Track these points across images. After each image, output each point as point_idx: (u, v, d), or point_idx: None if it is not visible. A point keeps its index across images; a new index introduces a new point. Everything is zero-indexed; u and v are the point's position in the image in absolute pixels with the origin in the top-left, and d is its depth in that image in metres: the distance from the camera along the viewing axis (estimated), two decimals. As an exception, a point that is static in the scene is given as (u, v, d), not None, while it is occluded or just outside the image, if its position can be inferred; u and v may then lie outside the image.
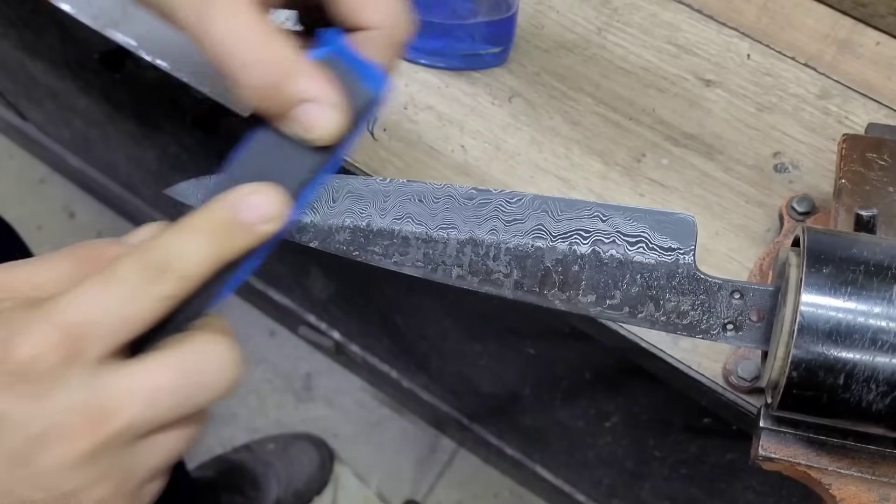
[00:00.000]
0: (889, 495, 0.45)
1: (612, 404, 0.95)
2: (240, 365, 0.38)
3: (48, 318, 0.34)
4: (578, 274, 0.43)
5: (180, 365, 0.36)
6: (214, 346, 0.37)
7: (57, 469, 0.33)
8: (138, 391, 0.35)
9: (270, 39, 0.39)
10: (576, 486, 1.30)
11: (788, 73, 0.63)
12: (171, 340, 0.37)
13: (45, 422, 0.33)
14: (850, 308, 0.40)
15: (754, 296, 0.43)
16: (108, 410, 0.34)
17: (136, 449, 0.35)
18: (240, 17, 0.38)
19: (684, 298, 0.43)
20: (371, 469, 1.55)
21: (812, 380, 0.40)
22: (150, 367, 0.35)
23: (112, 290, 0.35)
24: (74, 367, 0.34)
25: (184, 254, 0.37)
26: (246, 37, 0.39)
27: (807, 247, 0.41)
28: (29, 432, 0.33)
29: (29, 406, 0.33)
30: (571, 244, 0.43)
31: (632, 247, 0.43)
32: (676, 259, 0.42)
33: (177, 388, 0.36)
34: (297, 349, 1.61)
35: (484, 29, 0.62)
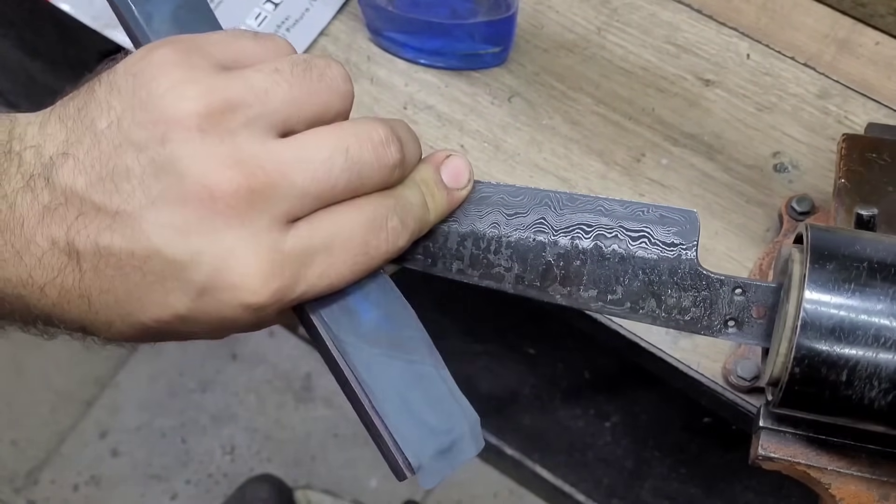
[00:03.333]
0: (889, 495, 0.45)
1: (612, 404, 0.95)
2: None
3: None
4: (580, 269, 0.43)
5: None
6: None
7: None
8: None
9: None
10: (575, 486, 1.30)
11: (788, 72, 0.63)
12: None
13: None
14: (852, 305, 0.40)
15: (756, 292, 0.43)
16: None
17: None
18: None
19: (686, 294, 0.43)
20: (370, 469, 1.55)
21: (814, 376, 0.40)
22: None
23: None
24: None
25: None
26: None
27: (810, 243, 0.41)
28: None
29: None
30: (573, 238, 0.43)
31: (634, 242, 0.43)
32: (679, 254, 0.42)
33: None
34: (297, 349, 1.60)
35: (484, 29, 0.62)
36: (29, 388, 1.59)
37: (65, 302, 0.37)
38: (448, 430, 0.39)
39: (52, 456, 1.55)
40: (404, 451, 0.38)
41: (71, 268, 0.36)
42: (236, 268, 0.35)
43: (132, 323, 0.37)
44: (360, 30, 0.65)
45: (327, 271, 0.38)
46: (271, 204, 0.36)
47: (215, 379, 1.59)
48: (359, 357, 0.39)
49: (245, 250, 0.35)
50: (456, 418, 0.40)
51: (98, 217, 0.36)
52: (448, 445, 0.39)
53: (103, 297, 0.37)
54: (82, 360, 1.60)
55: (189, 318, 0.37)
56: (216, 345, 1.61)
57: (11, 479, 1.53)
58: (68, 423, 1.56)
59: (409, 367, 0.40)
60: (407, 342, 0.41)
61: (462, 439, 0.39)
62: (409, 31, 0.63)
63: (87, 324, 0.38)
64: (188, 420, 1.57)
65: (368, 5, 0.62)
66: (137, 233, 0.35)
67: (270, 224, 0.36)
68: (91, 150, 0.36)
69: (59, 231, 0.36)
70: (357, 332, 0.40)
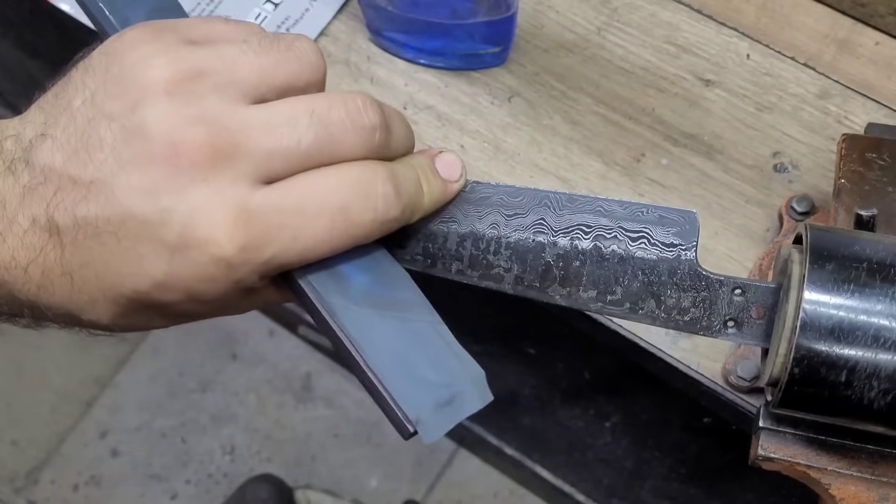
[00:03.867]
0: (888, 495, 0.45)
1: (612, 404, 0.95)
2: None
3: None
4: (579, 269, 0.43)
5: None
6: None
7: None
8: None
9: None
10: (575, 486, 1.30)
11: (788, 72, 0.63)
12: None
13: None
14: (852, 305, 0.40)
15: (756, 292, 0.43)
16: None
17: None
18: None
19: (685, 295, 0.43)
20: (371, 469, 1.55)
21: (813, 377, 0.40)
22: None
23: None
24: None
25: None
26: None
27: (809, 243, 0.41)
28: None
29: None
30: (573, 239, 0.43)
31: (633, 242, 0.42)
32: (678, 255, 0.42)
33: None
34: (297, 349, 1.61)
35: (484, 29, 0.62)
36: (29, 388, 1.59)
37: (48, 282, 0.37)
38: (447, 384, 0.38)
39: (52, 456, 1.55)
40: (402, 406, 0.37)
41: (52, 244, 0.37)
42: (202, 222, 0.36)
43: (114, 298, 0.37)
44: (360, 30, 0.65)
45: (301, 233, 0.37)
46: (235, 162, 0.36)
47: (215, 379, 1.60)
48: (348, 317, 0.39)
49: (210, 206, 0.36)
50: (456, 372, 0.39)
51: (75, 189, 0.36)
52: (448, 398, 0.38)
53: (84, 272, 0.37)
54: (82, 360, 1.60)
55: (166, 284, 0.37)
56: (216, 345, 1.61)
57: (11, 479, 1.53)
58: (68, 423, 1.56)
59: (403, 325, 0.39)
60: (401, 302, 0.40)
61: (464, 393, 0.38)
62: (409, 31, 0.63)
63: (72, 306, 0.38)
64: (188, 420, 1.57)
65: (368, 5, 0.62)
66: (111, 198, 0.36)
67: (235, 181, 0.36)
68: (67, 127, 0.37)
69: (40, 208, 0.37)
70: (346, 294, 0.39)
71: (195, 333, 1.62)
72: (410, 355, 0.39)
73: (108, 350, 1.61)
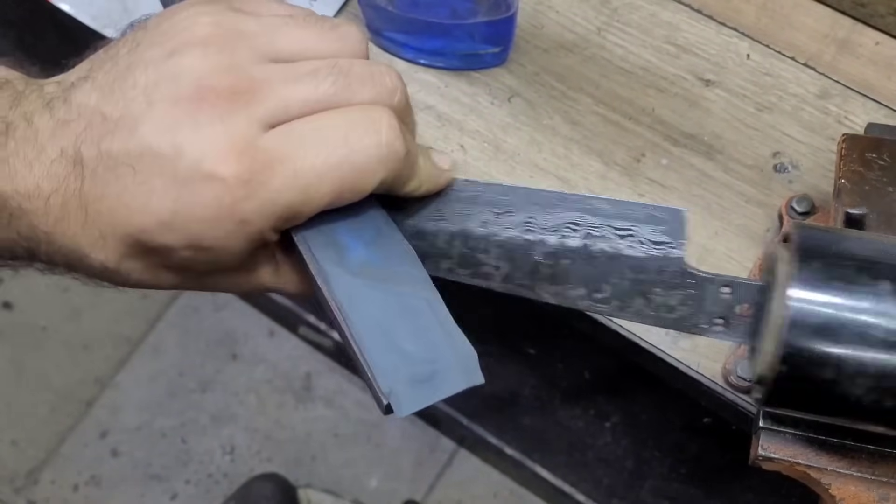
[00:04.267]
0: (889, 495, 0.45)
1: (612, 404, 0.95)
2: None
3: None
4: (568, 267, 0.43)
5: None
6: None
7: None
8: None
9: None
10: (576, 486, 1.30)
11: (788, 72, 0.63)
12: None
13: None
14: (838, 303, 0.40)
15: (743, 290, 0.43)
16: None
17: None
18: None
19: (673, 292, 0.43)
20: (371, 469, 1.55)
21: (800, 374, 0.40)
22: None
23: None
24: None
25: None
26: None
27: (796, 241, 0.41)
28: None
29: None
30: (562, 237, 0.42)
31: (622, 240, 0.42)
32: (666, 253, 0.42)
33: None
34: (297, 349, 1.60)
35: (484, 29, 0.62)
36: (29, 388, 1.59)
37: (65, 215, 0.38)
38: (430, 360, 0.38)
39: (52, 456, 1.55)
40: (377, 376, 0.37)
41: (74, 175, 0.38)
42: (209, 156, 0.37)
43: (121, 236, 0.38)
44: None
45: (301, 165, 0.38)
46: (252, 105, 0.38)
47: (215, 379, 1.60)
48: (340, 285, 0.39)
49: (220, 141, 0.37)
50: (442, 349, 0.38)
51: (103, 125, 0.38)
52: (428, 375, 0.37)
53: (98, 206, 0.38)
54: (82, 360, 1.60)
55: (170, 223, 0.37)
56: (216, 345, 1.61)
57: (11, 479, 1.53)
58: (68, 423, 1.56)
59: (395, 299, 0.39)
60: (399, 276, 0.40)
61: (447, 371, 0.38)
62: (409, 31, 0.63)
63: (83, 242, 0.39)
64: (188, 420, 1.57)
65: (368, 5, 0.62)
66: (134, 132, 0.38)
67: (249, 122, 0.38)
68: (109, 72, 0.39)
69: (69, 140, 0.38)
70: (342, 264, 0.39)
71: (195, 333, 1.62)
72: (396, 328, 0.38)
73: (109, 350, 1.61)
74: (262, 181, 0.37)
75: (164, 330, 1.62)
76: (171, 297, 1.62)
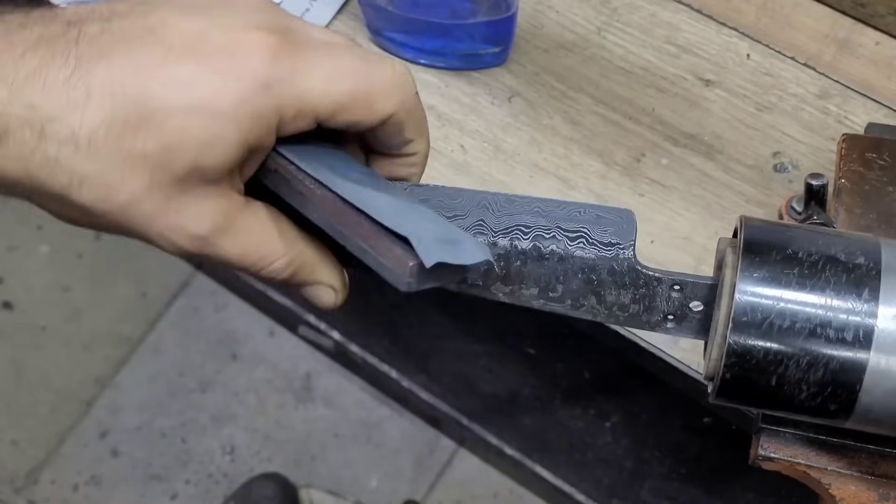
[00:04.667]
0: (889, 495, 0.45)
1: (612, 404, 0.95)
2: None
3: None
4: (520, 268, 0.43)
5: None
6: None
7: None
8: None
9: (287, 245, 0.40)
10: (576, 486, 1.30)
11: (788, 72, 0.63)
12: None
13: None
14: (784, 298, 0.40)
15: (693, 289, 0.44)
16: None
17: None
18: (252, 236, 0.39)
19: (624, 292, 0.43)
20: (371, 469, 1.55)
21: (748, 369, 0.40)
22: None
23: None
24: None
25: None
26: (262, 251, 0.40)
27: (743, 238, 0.41)
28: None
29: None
30: (512, 240, 0.43)
31: (572, 242, 0.43)
32: (616, 254, 0.43)
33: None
34: (296, 349, 1.60)
35: (484, 29, 0.62)
36: (29, 388, 1.59)
37: (43, 67, 0.33)
38: (449, 235, 0.39)
39: (52, 456, 1.55)
40: (399, 229, 0.37)
41: (72, 34, 0.34)
42: (247, 27, 0.36)
43: (110, 94, 0.34)
44: (360, 30, 0.65)
45: (328, 61, 0.38)
46: (281, 14, 0.38)
47: (215, 379, 1.59)
48: (344, 187, 0.39)
49: (256, 19, 0.37)
50: (458, 234, 0.40)
51: (111, 11, 0.35)
52: (451, 240, 0.38)
53: (90, 65, 0.34)
54: (82, 360, 1.60)
55: (188, 78, 0.34)
56: (216, 345, 1.61)
57: (11, 479, 1.53)
58: (68, 423, 1.56)
59: (402, 202, 0.40)
60: (398, 194, 0.41)
61: (467, 244, 0.39)
62: (409, 31, 0.63)
63: (58, 100, 0.33)
64: (188, 420, 1.57)
65: (368, 5, 0.62)
66: (155, 10, 0.35)
67: (279, 14, 0.38)
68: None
69: (61, 22, 0.35)
70: (337, 174, 0.39)
71: (195, 333, 1.62)
72: (411, 216, 0.39)
73: (109, 350, 1.61)
74: (292, 54, 0.36)
75: (164, 330, 1.62)
76: (171, 296, 1.62)
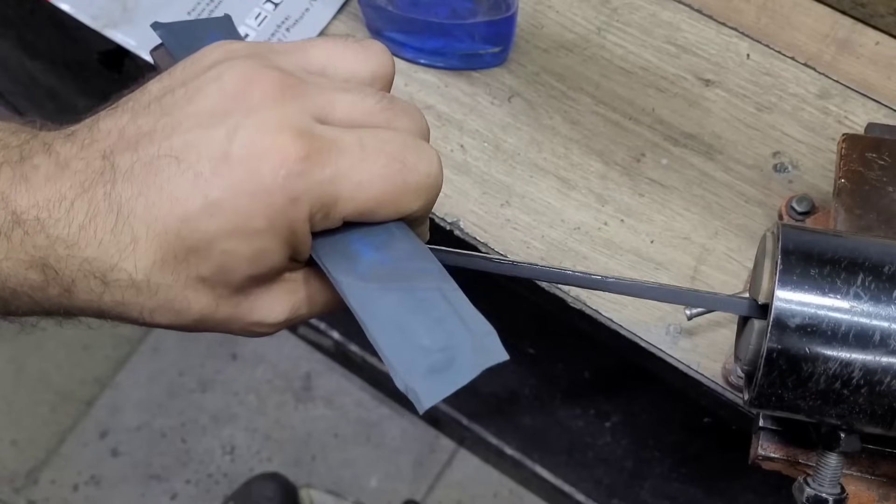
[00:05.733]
0: (889, 495, 0.45)
1: (612, 404, 0.95)
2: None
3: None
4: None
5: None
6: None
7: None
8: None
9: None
10: (575, 486, 1.30)
11: (788, 72, 0.63)
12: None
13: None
14: (821, 304, 0.40)
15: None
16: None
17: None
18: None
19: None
20: (371, 469, 1.55)
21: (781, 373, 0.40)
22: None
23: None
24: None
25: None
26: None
27: (781, 242, 0.41)
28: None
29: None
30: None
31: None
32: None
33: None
34: (296, 349, 1.60)
35: (483, 29, 0.62)
36: (29, 388, 1.59)
37: (92, 219, 0.36)
38: (444, 348, 0.37)
39: (52, 456, 1.55)
40: (394, 376, 0.36)
41: (104, 179, 0.36)
42: (268, 134, 0.36)
43: (159, 231, 0.36)
44: (360, 30, 0.65)
45: (358, 165, 0.37)
46: (303, 99, 0.37)
47: (215, 379, 1.60)
48: (353, 293, 0.38)
49: (277, 122, 0.36)
50: (458, 335, 0.38)
51: (139, 133, 0.36)
52: (445, 363, 0.37)
53: (133, 205, 0.35)
54: (82, 360, 1.60)
55: (220, 202, 0.35)
56: (216, 345, 1.61)
57: (11, 479, 1.53)
58: (68, 423, 1.56)
59: (408, 296, 0.38)
60: (411, 272, 0.39)
61: (465, 355, 0.37)
62: (409, 31, 0.63)
63: (110, 250, 0.36)
64: (188, 420, 1.57)
65: (368, 5, 0.62)
66: (177, 129, 0.36)
67: (302, 112, 0.37)
68: (139, 100, 0.38)
69: (97, 152, 0.36)
70: (354, 272, 0.39)
71: (195, 333, 1.62)
72: (411, 325, 0.38)
73: (108, 350, 1.61)
74: (320, 162, 0.36)
75: (164, 330, 1.62)
76: (171, 297, 1.62)
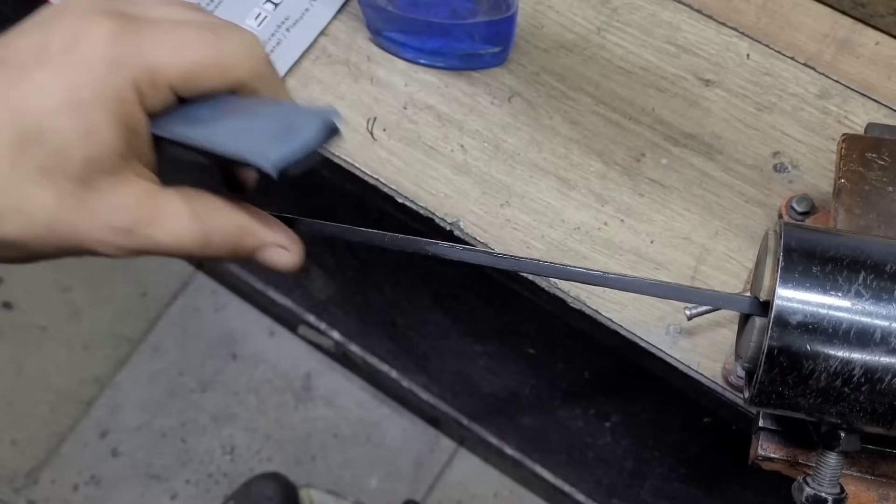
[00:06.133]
0: (889, 495, 0.45)
1: (612, 404, 0.95)
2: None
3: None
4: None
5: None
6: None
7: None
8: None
9: (218, 215, 0.42)
10: (575, 486, 1.30)
11: (788, 72, 0.63)
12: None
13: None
14: (824, 302, 0.40)
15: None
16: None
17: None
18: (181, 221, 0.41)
19: None
20: (371, 469, 1.55)
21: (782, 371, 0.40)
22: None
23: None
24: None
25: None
26: (193, 232, 0.41)
27: (783, 241, 0.41)
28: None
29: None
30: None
31: None
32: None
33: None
34: (296, 349, 1.61)
35: (483, 29, 0.62)
36: (29, 388, 1.59)
37: None
38: (286, 125, 0.38)
39: (52, 456, 1.55)
40: (246, 160, 0.37)
41: None
42: (82, 16, 0.39)
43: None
44: (360, 30, 0.65)
45: (172, 31, 0.39)
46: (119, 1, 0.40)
47: (215, 379, 1.60)
48: (196, 132, 0.40)
49: (90, 5, 0.39)
50: (295, 113, 0.39)
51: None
52: (287, 132, 0.38)
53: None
54: (82, 360, 1.60)
55: (45, 84, 0.38)
56: (216, 345, 1.61)
57: (11, 479, 1.53)
58: (68, 423, 1.56)
59: (248, 114, 0.40)
60: (248, 105, 0.41)
61: (304, 122, 0.38)
62: (409, 31, 0.63)
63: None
64: (188, 420, 1.57)
65: (368, 5, 0.62)
66: (2, 42, 0.40)
67: (114, 2, 0.40)
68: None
69: None
70: (194, 121, 0.40)
71: (195, 333, 1.62)
72: (252, 126, 0.39)
73: (108, 350, 1.61)
74: (134, 31, 0.39)
75: (164, 330, 1.62)
76: (171, 296, 1.62)
